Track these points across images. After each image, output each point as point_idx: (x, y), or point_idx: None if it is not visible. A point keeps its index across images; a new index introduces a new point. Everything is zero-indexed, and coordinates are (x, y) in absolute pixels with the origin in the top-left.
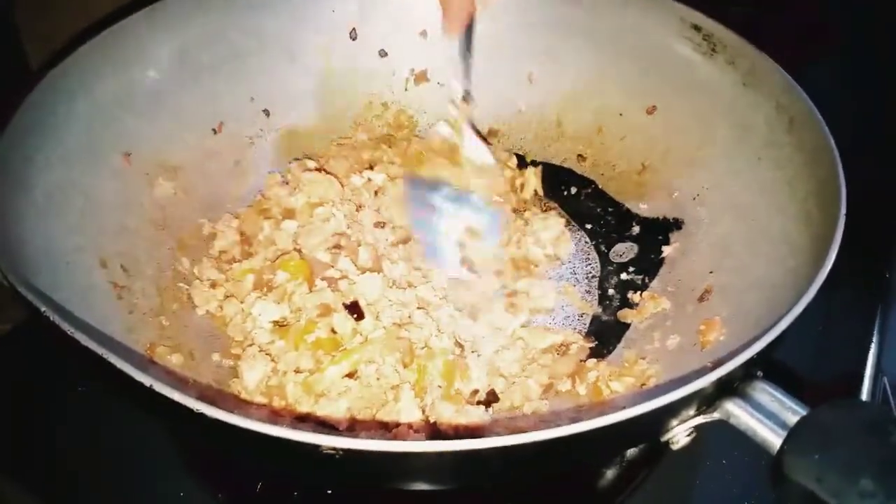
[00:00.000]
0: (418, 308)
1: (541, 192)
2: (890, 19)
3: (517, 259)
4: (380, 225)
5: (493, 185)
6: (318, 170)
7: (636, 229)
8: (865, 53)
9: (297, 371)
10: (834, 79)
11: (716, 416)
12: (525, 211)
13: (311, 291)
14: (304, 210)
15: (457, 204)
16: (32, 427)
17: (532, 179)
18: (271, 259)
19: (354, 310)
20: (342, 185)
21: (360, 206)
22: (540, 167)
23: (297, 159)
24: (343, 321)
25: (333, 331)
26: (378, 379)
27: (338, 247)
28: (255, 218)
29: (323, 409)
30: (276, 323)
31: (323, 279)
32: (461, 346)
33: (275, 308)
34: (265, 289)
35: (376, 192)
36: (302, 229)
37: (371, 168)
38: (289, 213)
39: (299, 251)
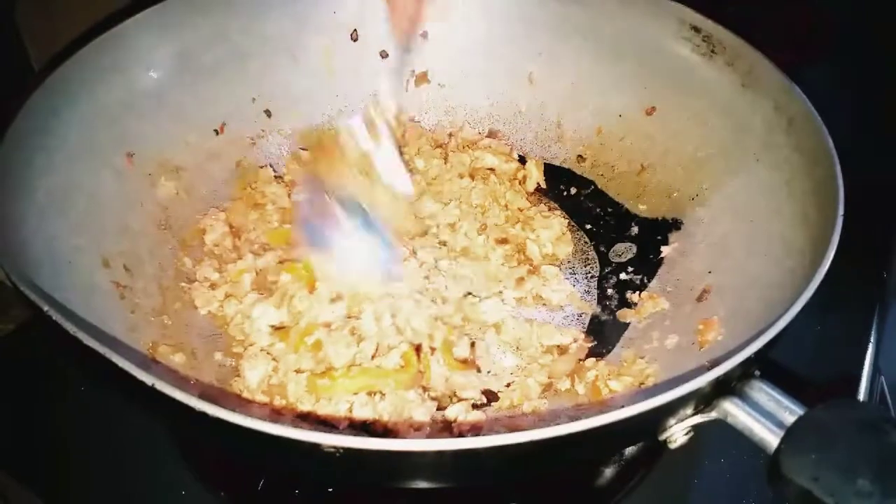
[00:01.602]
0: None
1: (543, 185)
2: (890, 19)
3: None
4: None
5: (404, 223)
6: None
7: (635, 229)
8: (865, 53)
9: (299, 371)
10: (833, 79)
11: (713, 415)
12: (530, 207)
13: (311, 294)
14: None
15: (359, 229)
16: (34, 427)
17: (534, 172)
18: (264, 241)
19: None
20: None
21: None
22: (541, 161)
23: (292, 154)
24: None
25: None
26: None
27: None
28: (243, 209)
29: (324, 409)
30: (274, 326)
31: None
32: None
33: (274, 312)
34: (265, 291)
35: None
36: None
37: None
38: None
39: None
